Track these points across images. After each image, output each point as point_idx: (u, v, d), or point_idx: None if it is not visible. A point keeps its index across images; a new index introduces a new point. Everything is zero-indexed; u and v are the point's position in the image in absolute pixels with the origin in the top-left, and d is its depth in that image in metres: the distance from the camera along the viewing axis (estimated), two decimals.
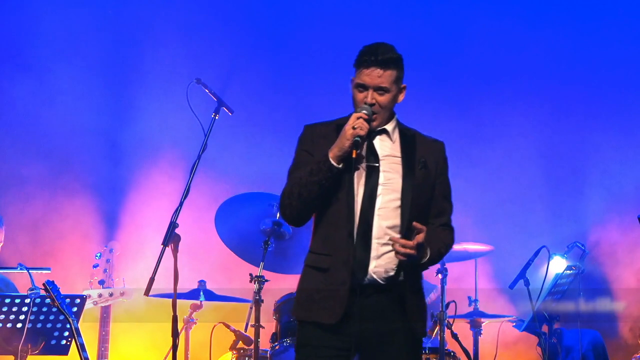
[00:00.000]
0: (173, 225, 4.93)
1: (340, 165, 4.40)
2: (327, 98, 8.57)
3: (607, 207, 8.91)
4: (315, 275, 4.48)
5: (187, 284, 7.11)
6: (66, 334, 6.23)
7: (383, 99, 4.50)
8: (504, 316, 7.76)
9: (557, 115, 9.04)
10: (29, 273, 6.18)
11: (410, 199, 4.47)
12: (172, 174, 8.30)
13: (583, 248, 7.45)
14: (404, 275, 4.47)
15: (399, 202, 4.48)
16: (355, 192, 4.44)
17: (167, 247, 4.93)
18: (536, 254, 7.09)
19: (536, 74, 9.07)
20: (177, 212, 4.95)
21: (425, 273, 8.28)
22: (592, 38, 9.06)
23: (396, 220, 4.48)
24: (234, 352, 7.02)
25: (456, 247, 7.33)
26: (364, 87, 4.50)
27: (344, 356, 4.44)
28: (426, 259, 4.46)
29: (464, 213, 8.74)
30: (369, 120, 4.44)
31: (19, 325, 6.17)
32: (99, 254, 7.39)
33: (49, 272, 6.38)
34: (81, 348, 5.78)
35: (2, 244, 7.15)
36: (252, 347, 6.91)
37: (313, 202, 4.45)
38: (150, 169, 8.64)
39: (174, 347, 4.91)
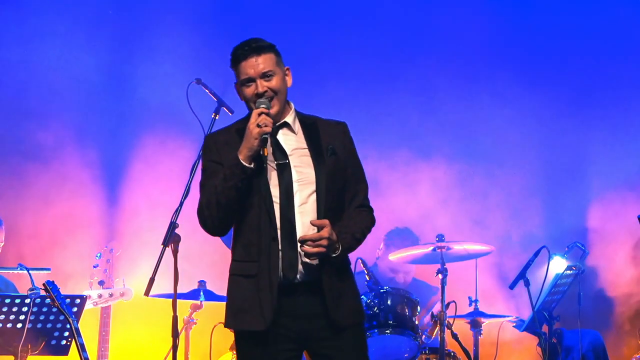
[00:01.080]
0: (173, 225, 4.93)
1: (252, 165, 4.35)
2: (327, 97, 8.58)
3: (608, 207, 8.91)
4: (243, 283, 4.45)
5: (187, 284, 7.11)
6: (66, 334, 6.24)
7: (272, 83, 4.46)
8: (504, 316, 7.75)
9: (557, 114, 9.04)
10: (29, 273, 6.19)
11: (325, 189, 4.42)
12: (172, 174, 8.30)
13: (583, 248, 7.45)
14: (324, 266, 4.40)
15: (315, 196, 4.43)
16: (271, 193, 4.40)
17: (167, 247, 4.93)
18: (536, 254, 7.09)
19: (536, 72, 9.07)
20: (177, 212, 4.95)
21: (425, 273, 8.33)
22: (591, 36, 9.06)
23: (315, 214, 4.42)
24: (234, 352, 7.02)
25: (456, 247, 7.35)
26: (250, 80, 4.47)
27: (293, 356, 4.43)
28: (339, 251, 4.40)
29: (464, 213, 8.78)
30: (268, 114, 4.38)
31: (19, 325, 6.17)
32: (99, 254, 7.39)
33: (49, 272, 6.38)
34: (81, 348, 5.78)
35: (3, 244, 7.15)
36: None
37: (232, 207, 4.41)
38: (150, 169, 8.64)
39: (174, 347, 4.91)
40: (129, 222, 8.54)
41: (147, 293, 5.00)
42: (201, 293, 7.17)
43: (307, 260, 4.38)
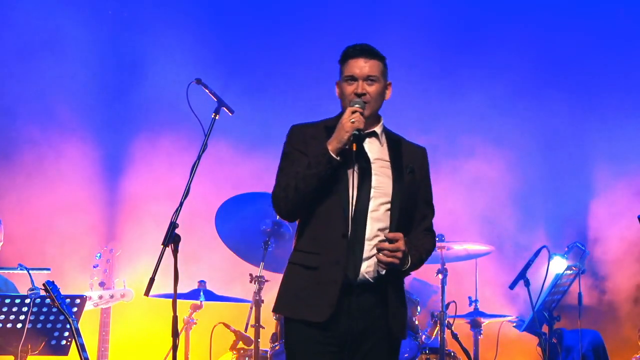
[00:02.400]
0: (173, 225, 4.92)
1: (339, 158, 4.45)
2: (327, 97, 8.57)
3: (608, 206, 8.91)
4: (303, 273, 4.53)
5: (187, 284, 7.12)
6: (66, 334, 6.23)
7: (372, 88, 4.56)
8: (504, 316, 7.76)
9: (558, 114, 9.05)
10: (29, 273, 6.18)
11: (399, 204, 4.54)
12: (172, 174, 8.30)
13: (583, 248, 7.45)
14: (391, 276, 4.53)
15: (389, 206, 4.55)
16: (349, 194, 4.48)
17: (167, 248, 4.93)
18: (536, 254, 7.09)
19: (537, 72, 9.08)
20: (177, 212, 4.94)
21: (425, 274, 8.34)
22: (593, 35, 9.06)
23: (386, 223, 4.54)
24: (234, 352, 7.03)
25: (456, 247, 7.36)
26: (352, 79, 4.56)
27: (335, 352, 4.50)
28: (407, 266, 4.53)
29: (464, 213, 8.78)
30: (362, 114, 4.48)
31: (19, 325, 6.17)
32: (99, 254, 7.39)
33: (49, 272, 6.38)
34: (81, 348, 5.77)
35: (2, 244, 7.14)
36: (252, 347, 6.91)
37: (309, 195, 4.48)
38: (151, 170, 8.65)
39: (174, 347, 4.90)
40: (129, 222, 8.54)
41: (147, 293, 4.99)
42: (201, 293, 7.17)
43: (370, 264, 4.49)
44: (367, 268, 4.49)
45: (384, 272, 4.49)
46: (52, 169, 8.51)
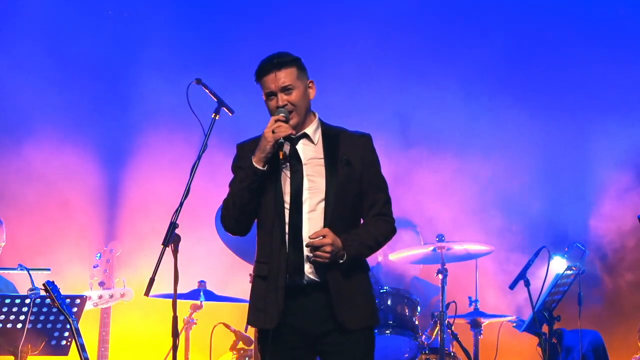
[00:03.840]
0: (173, 225, 4.92)
1: (264, 168, 4.60)
2: (328, 97, 8.57)
3: (608, 206, 8.90)
4: (259, 283, 4.69)
5: (187, 284, 7.11)
6: (66, 334, 6.23)
7: (292, 97, 4.68)
8: (504, 316, 7.76)
9: (558, 114, 9.04)
10: (29, 273, 6.18)
11: (334, 198, 4.61)
12: (172, 174, 8.30)
13: (583, 248, 7.44)
14: (333, 270, 4.59)
15: (325, 203, 4.63)
16: (283, 199, 4.61)
17: (167, 248, 4.93)
18: (536, 254, 7.09)
19: (537, 71, 9.08)
20: (177, 212, 4.94)
21: (425, 274, 8.32)
22: (593, 34, 9.06)
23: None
24: (234, 352, 7.02)
25: (456, 247, 7.35)
26: (271, 94, 4.71)
27: (303, 355, 4.63)
28: (345, 258, 4.57)
29: (464, 213, 8.77)
30: (286, 122, 4.61)
31: (19, 325, 6.17)
32: (99, 254, 7.39)
33: (49, 272, 6.37)
34: (81, 348, 5.77)
35: (4, 244, 7.14)
36: (252, 347, 6.91)
37: (245, 208, 4.66)
38: (150, 170, 8.64)
39: (174, 347, 4.90)
40: (129, 222, 8.54)
41: (147, 293, 4.99)
42: (201, 293, 7.17)
43: (312, 264, 4.58)
44: (309, 268, 4.61)
45: (328, 269, 4.56)
46: (52, 169, 8.50)
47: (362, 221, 4.77)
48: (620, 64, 8.98)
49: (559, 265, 7.26)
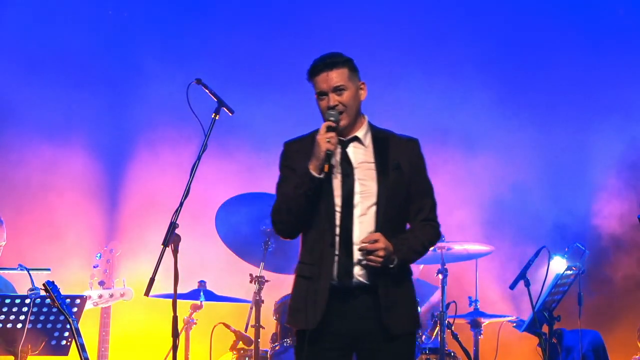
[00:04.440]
0: (173, 225, 4.92)
1: (321, 175, 4.60)
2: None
3: (608, 206, 8.90)
4: (302, 284, 4.71)
5: (187, 284, 7.11)
6: (66, 334, 6.23)
7: (343, 97, 4.68)
8: (504, 316, 7.76)
9: (558, 114, 9.04)
10: (29, 273, 6.18)
11: (385, 203, 4.65)
12: (172, 174, 8.30)
13: (583, 248, 7.44)
14: (381, 274, 4.63)
15: (376, 208, 4.66)
16: (334, 203, 4.64)
17: (167, 248, 4.93)
18: (536, 254, 7.09)
19: (537, 71, 9.08)
20: (177, 212, 4.94)
21: (425, 274, 8.32)
22: (592, 33, 9.06)
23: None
24: (234, 352, 7.02)
25: (456, 247, 7.35)
26: (323, 94, 4.70)
27: (340, 355, 4.65)
28: (395, 262, 4.62)
29: (464, 213, 8.77)
30: (336, 128, 4.61)
31: (19, 325, 6.16)
32: (99, 254, 7.38)
33: (49, 272, 6.37)
34: (81, 348, 5.77)
35: (5, 243, 7.14)
36: (252, 347, 6.91)
37: (301, 214, 4.66)
38: (150, 170, 8.64)
39: (174, 347, 4.90)
40: (129, 222, 8.54)
41: (147, 293, 4.99)
42: (201, 293, 7.17)
43: (362, 267, 4.62)
44: (359, 271, 4.62)
45: (377, 273, 4.59)
46: (52, 169, 8.50)
47: (407, 225, 4.81)
48: (620, 65, 8.98)
49: (559, 265, 7.26)
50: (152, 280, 4.90)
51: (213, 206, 7.39)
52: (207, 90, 5.33)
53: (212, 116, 5.23)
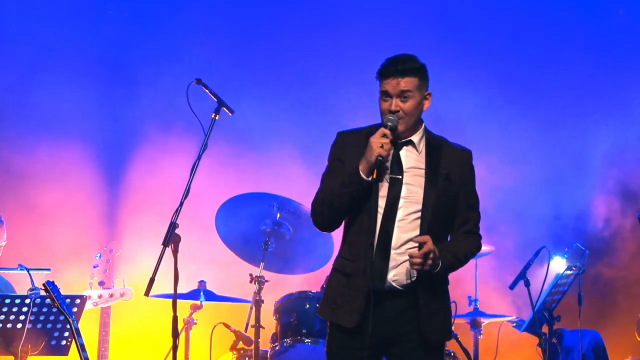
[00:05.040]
0: (173, 225, 4.92)
1: (369, 179, 4.56)
2: (328, 98, 8.57)
3: (608, 206, 8.90)
4: (340, 279, 4.69)
5: (187, 284, 7.11)
6: (66, 334, 6.23)
7: (406, 105, 4.63)
8: (504, 316, 7.76)
9: (558, 114, 9.04)
10: (29, 273, 6.18)
11: (431, 211, 4.62)
12: (172, 174, 8.30)
13: (583, 248, 7.45)
14: (422, 281, 4.61)
15: (419, 214, 4.63)
16: (378, 204, 4.60)
17: (167, 248, 4.93)
18: (536, 254, 7.09)
19: (537, 71, 9.08)
20: (177, 212, 4.94)
21: None
22: (592, 33, 9.06)
23: (416, 231, 4.63)
24: (234, 352, 7.02)
25: None
26: (387, 95, 4.63)
27: (369, 356, 4.63)
28: (439, 268, 4.59)
29: None
30: (393, 128, 4.56)
31: (19, 325, 6.17)
32: (99, 254, 7.38)
33: (49, 272, 6.37)
34: (81, 348, 5.77)
35: (5, 243, 7.14)
36: (252, 347, 6.91)
37: (343, 211, 4.65)
38: (151, 169, 8.64)
39: (174, 347, 4.91)
40: (128, 222, 8.54)
41: (147, 293, 4.99)
42: (201, 293, 7.17)
43: (396, 272, 4.61)
44: (394, 276, 4.62)
45: (414, 278, 4.59)
46: (52, 169, 8.50)
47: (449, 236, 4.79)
48: (620, 66, 8.98)
49: (559, 265, 7.27)
50: (152, 280, 4.90)
51: (213, 206, 7.39)
52: (207, 90, 5.33)
53: (212, 116, 5.23)
